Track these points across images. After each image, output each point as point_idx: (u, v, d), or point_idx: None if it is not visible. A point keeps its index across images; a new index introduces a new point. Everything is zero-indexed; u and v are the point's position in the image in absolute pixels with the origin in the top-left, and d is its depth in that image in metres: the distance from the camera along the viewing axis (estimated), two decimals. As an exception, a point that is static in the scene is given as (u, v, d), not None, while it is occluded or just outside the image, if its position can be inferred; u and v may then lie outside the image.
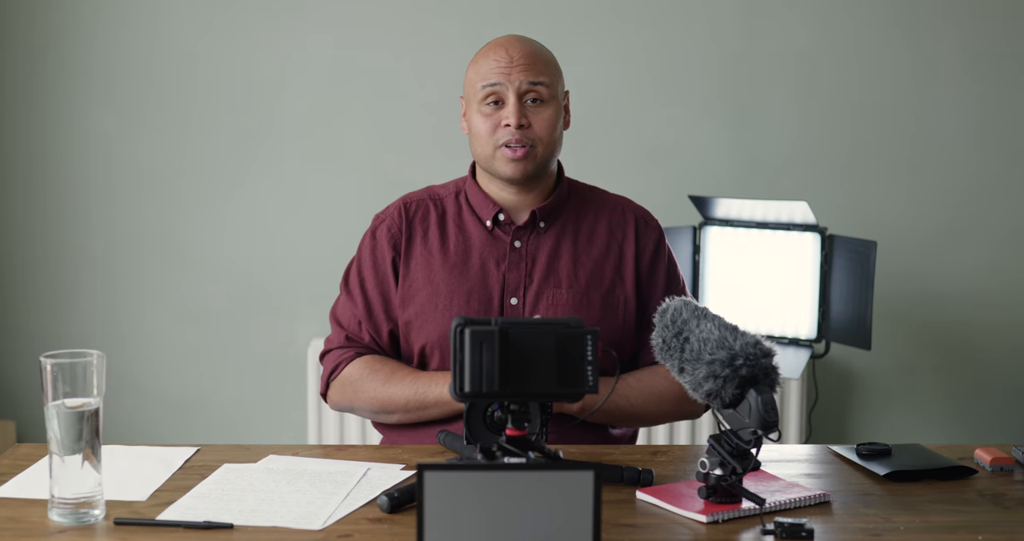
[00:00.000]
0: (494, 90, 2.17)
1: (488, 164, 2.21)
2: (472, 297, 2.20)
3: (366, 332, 2.24)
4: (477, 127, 2.20)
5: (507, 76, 2.17)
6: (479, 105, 2.19)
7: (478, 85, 2.19)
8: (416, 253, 2.24)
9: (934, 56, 3.54)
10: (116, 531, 1.66)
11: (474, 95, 2.20)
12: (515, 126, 2.16)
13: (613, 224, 2.28)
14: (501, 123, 2.17)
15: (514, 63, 2.17)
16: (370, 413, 2.23)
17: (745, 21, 3.52)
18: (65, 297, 3.57)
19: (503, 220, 2.24)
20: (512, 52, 2.19)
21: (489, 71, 2.18)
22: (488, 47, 2.23)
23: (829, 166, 3.57)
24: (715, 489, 1.74)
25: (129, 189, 3.55)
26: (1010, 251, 3.59)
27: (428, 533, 1.39)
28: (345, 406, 2.25)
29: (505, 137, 2.17)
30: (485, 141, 2.19)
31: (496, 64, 2.18)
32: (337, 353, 2.25)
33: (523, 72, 2.17)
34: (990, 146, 3.57)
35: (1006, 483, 1.91)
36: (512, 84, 2.17)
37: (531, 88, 2.17)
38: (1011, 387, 3.63)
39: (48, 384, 1.65)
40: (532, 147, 2.18)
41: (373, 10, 3.50)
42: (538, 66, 2.19)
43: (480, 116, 2.19)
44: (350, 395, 2.22)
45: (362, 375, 2.20)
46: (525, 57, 2.18)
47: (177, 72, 3.51)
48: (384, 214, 2.30)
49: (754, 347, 1.70)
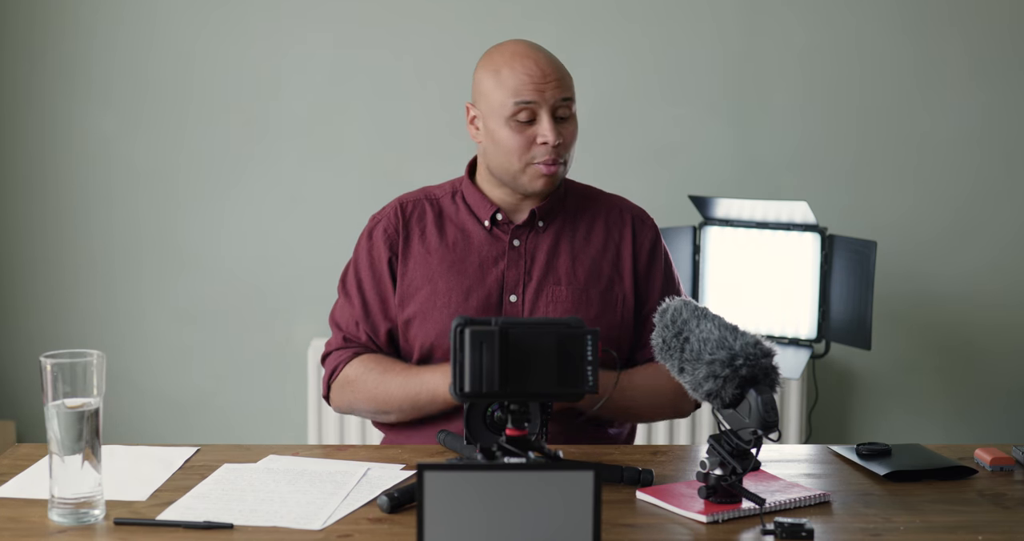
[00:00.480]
0: (528, 106, 2.13)
1: (513, 177, 2.18)
2: (471, 295, 2.20)
3: (363, 332, 2.24)
4: (506, 142, 2.15)
5: (541, 94, 2.13)
6: (508, 120, 2.14)
7: (509, 100, 2.13)
8: (414, 252, 2.24)
9: (937, 58, 3.54)
10: (116, 531, 1.66)
11: (501, 108, 2.15)
12: (553, 144, 2.13)
13: (610, 223, 2.28)
14: (536, 140, 2.14)
15: (547, 79, 2.13)
16: (369, 413, 2.23)
17: (748, 22, 3.52)
18: (65, 297, 3.57)
19: (501, 219, 2.24)
20: (543, 66, 2.14)
21: (522, 86, 2.13)
22: (512, 57, 2.16)
23: (829, 166, 3.57)
24: (715, 489, 1.74)
25: (128, 189, 3.55)
26: (1011, 252, 3.59)
27: (428, 533, 1.39)
28: (346, 407, 2.25)
29: (542, 156, 2.15)
30: (516, 157, 2.16)
31: (529, 79, 2.13)
32: (336, 355, 2.25)
33: (556, 88, 2.14)
34: (991, 147, 3.57)
35: (1006, 483, 1.91)
36: (547, 101, 2.13)
37: (562, 104, 2.15)
38: (1011, 387, 3.63)
39: (48, 384, 1.65)
40: (563, 163, 2.18)
41: (373, 9, 3.50)
42: (566, 80, 2.17)
43: (509, 131, 2.15)
44: (349, 396, 2.22)
45: (358, 374, 2.20)
46: (555, 71, 2.15)
47: (176, 72, 3.51)
48: (380, 215, 2.29)
49: (754, 347, 1.70)
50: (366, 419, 2.36)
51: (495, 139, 2.17)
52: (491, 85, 2.17)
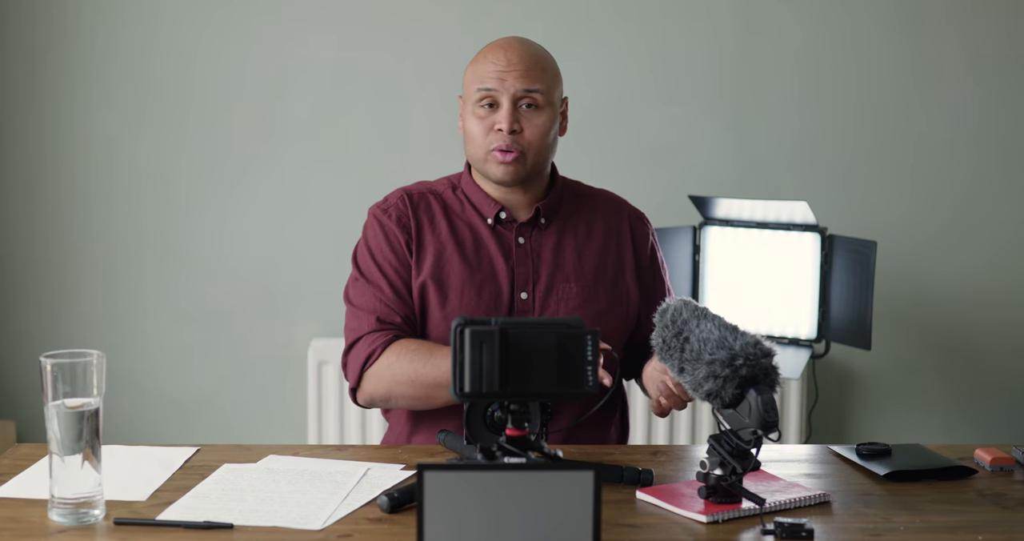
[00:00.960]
0: (489, 94, 2.17)
1: (480, 165, 2.22)
2: (483, 290, 2.20)
3: (399, 314, 2.18)
4: (471, 129, 2.20)
5: (502, 82, 2.17)
6: (474, 107, 2.19)
7: (474, 87, 2.19)
8: (427, 241, 2.22)
9: (936, 57, 3.54)
10: (116, 531, 1.66)
11: (470, 97, 2.20)
12: (507, 131, 2.16)
13: (609, 219, 2.31)
14: (494, 127, 2.17)
15: (511, 68, 2.17)
16: (411, 398, 2.13)
17: (746, 21, 3.52)
18: (65, 297, 3.57)
19: (505, 217, 2.24)
20: (511, 55, 2.18)
21: (486, 74, 2.18)
22: (488, 48, 2.22)
23: (829, 166, 3.57)
24: (715, 489, 1.74)
25: (129, 190, 3.55)
26: (1010, 251, 3.59)
27: (428, 533, 1.39)
28: (382, 395, 2.15)
29: (496, 142, 2.17)
30: (478, 143, 2.19)
31: (493, 67, 2.18)
32: (370, 339, 2.16)
33: (519, 78, 2.17)
34: (991, 146, 3.57)
35: (1006, 483, 1.91)
36: (507, 90, 2.16)
37: (525, 94, 2.17)
38: (1011, 387, 3.63)
39: (48, 384, 1.65)
40: (522, 153, 2.18)
41: (375, 11, 3.50)
42: (535, 72, 2.18)
43: (474, 118, 2.19)
44: (388, 382, 2.12)
45: (400, 356, 2.12)
46: (523, 62, 2.18)
47: (178, 72, 3.51)
48: (386, 203, 2.27)
49: (754, 347, 1.70)
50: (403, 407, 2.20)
51: (465, 127, 2.22)
52: (468, 75, 2.23)
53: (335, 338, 3.44)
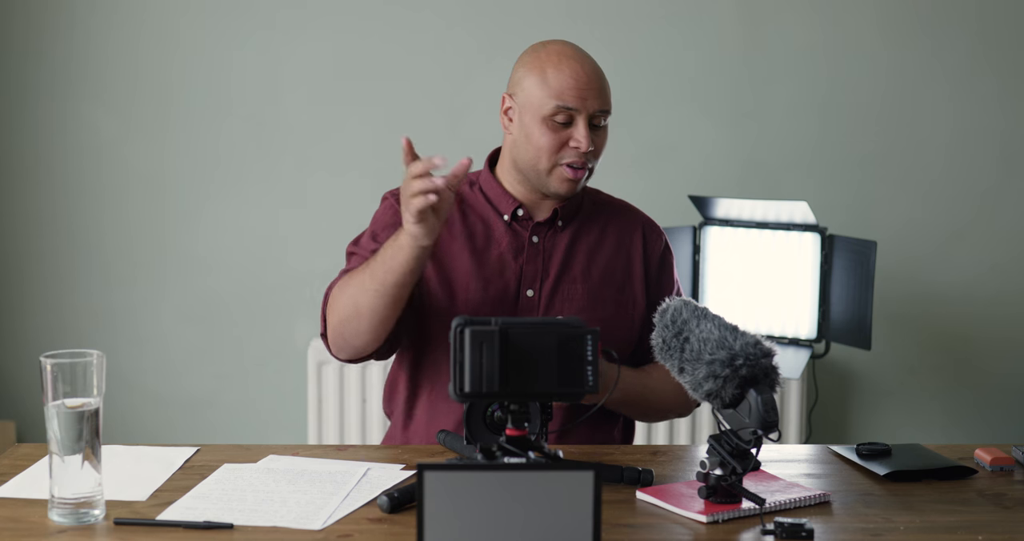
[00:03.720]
0: (567, 111, 2.15)
1: (538, 176, 2.19)
2: (489, 284, 2.20)
3: None
4: (539, 141, 2.16)
5: (583, 101, 2.15)
6: (546, 119, 2.16)
7: (550, 102, 2.15)
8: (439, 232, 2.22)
9: (935, 57, 3.54)
10: (116, 531, 1.66)
11: (541, 107, 2.16)
12: (584, 150, 2.15)
13: (622, 228, 2.31)
14: (568, 143, 2.16)
15: (591, 86, 2.16)
16: (355, 315, 2.06)
17: (746, 21, 3.52)
18: (65, 297, 3.57)
19: (522, 215, 2.25)
20: (588, 72, 2.17)
21: (565, 91, 2.15)
22: (558, 58, 2.18)
23: (829, 166, 3.57)
24: (715, 489, 1.74)
25: (129, 189, 3.55)
26: (1010, 251, 3.59)
27: (428, 533, 1.39)
28: (339, 319, 2.09)
29: (570, 158, 2.16)
30: (545, 156, 2.17)
31: (574, 83, 2.15)
32: (331, 284, 2.17)
33: (596, 98, 2.16)
34: (991, 147, 3.57)
35: (1006, 483, 1.91)
36: (587, 109, 2.15)
37: (599, 114, 2.18)
38: (1011, 387, 3.62)
39: (48, 384, 1.65)
40: (590, 169, 2.20)
41: (374, 11, 3.50)
42: (606, 90, 2.19)
43: (546, 130, 2.16)
44: (336, 311, 2.10)
45: (339, 284, 2.11)
46: (599, 79, 2.18)
47: (178, 72, 3.51)
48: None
49: (754, 347, 1.70)
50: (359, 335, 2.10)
51: (528, 134, 2.18)
52: (534, 82, 2.17)
53: (335, 338, 3.44)
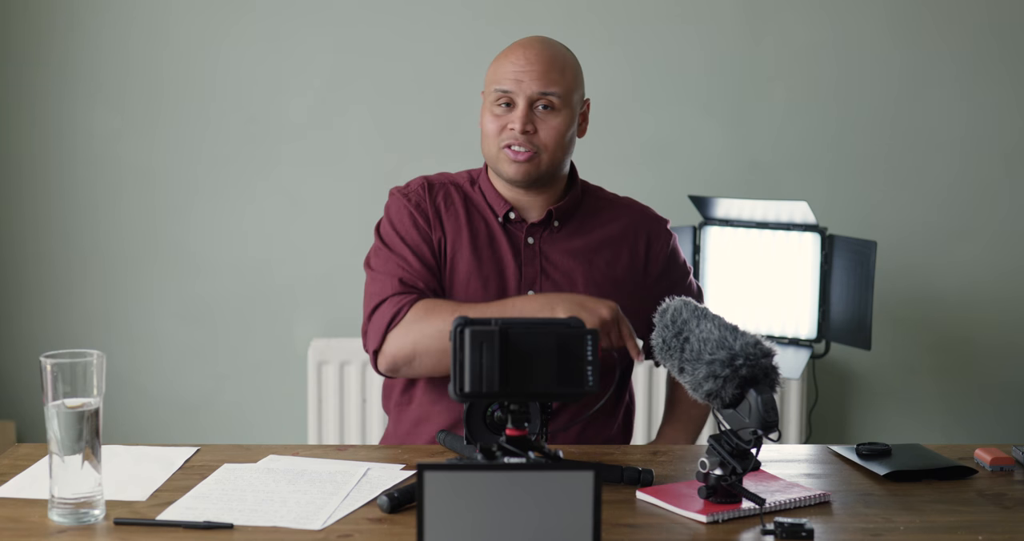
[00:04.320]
0: (505, 94, 2.19)
1: (493, 163, 2.23)
2: (489, 283, 2.20)
3: (420, 279, 2.17)
4: (486, 126, 2.22)
5: (519, 83, 2.17)
6: (491, 105, 2.21)
7: (492, 87, 2.21)
8: (446, 228, 2.23)
9: (935, 56, 3.54)
10: (116, 531, 1.66)
11: (488, 95, 2.22)
12: (519, 131, 2.17)
13: (626, 227, 2.30)
14: (507, 126, 2.19)
15: (530, 69, 2.17)
16: (438, 353, 2.09)
17: (746, 21, 3.52)
18: (65, 297, 3.57)
19: (514, 218, 2.25)
20: (530, 56, 2.18)
21: (504, 75, 2.19)
22: (510, 47, 2.23)
23: (829, 166, 3.57)
24: (715, 489, 1.74)
25: (129, 189, 3.55)
26: (1010, 251, 3.59)
27: (428, 533, 1.39)
28: (406, 354, 2.12)
29: (508, 139, 2.18)
30: (491, 141, 2.21)
31: (512, 68, 2.19)
32: (394, 300, 2.14)
33: (536, 80, 2.17)
34: (991, 147, 3.57)
35: (1006, 483, 1.91)
36: (523, 91, 2.17)
37: (541, 97, 2.18)
38: (1011, 387, 3.63)
39: (48, 384, 1.65)
40: (536, 153, 2.18)
41: (374, 12, 3.50)
42: (552, 74, 2.18)
43: (491, 116, 2.21)
44: (415, 337, 2.10)
45: (428, 311, 2.10)
46: (542, 63, 2.18)
47: (177, 72, 3.51)
48: (408, 189, 2.28)
49: (754, 347, 1.70)
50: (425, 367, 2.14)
51: (482, 124, 2.24)
52: (489, 73, 2.24)
53: (335, 338, 3.44)
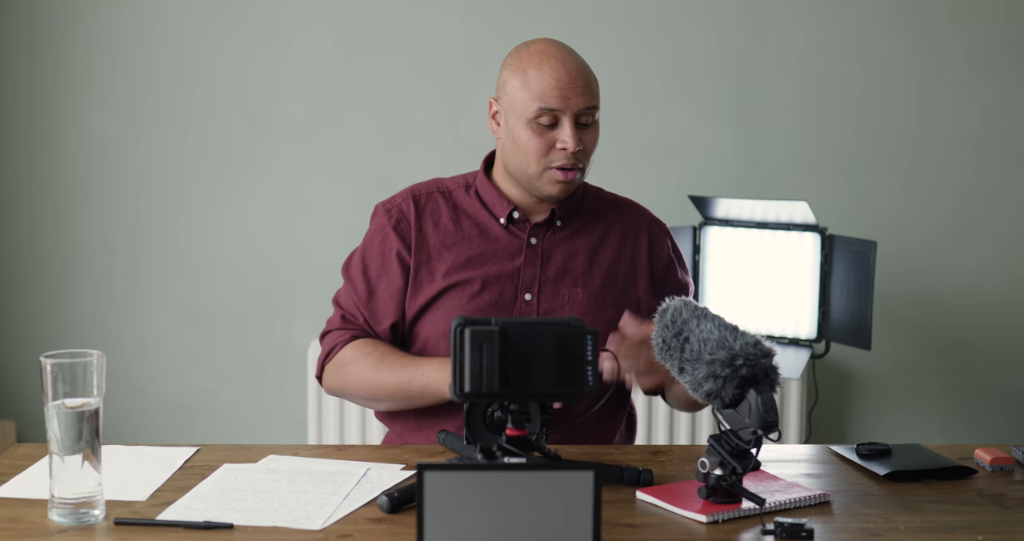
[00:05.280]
0: (551, 113, 2.11)
1: (529, 180, 2.17)
2: (485, 290, 2.18)
3: (361, 315, 2.23)
4: (526, 144, 2.13)
5: (566, 100, 2.10)
6: (530, 122, 2.12)
7: (533, 103, 2.11)
8: (429, 243, 2.21)
9: (936, 57, 3.54)
10: (116, 531, 1.66)
11: (525, 110, 2.12)
12: (572, 150, 2.11)
13: (627, 228, 2.28)
14: (555, 145, 2.12)
15: (573, 85, 2.11)
16: (360, 398, 2.22)
17: (746, 21, 3.52)
18: (65, 297, 3.57)
19: (517, 218, 2.23)
20: (571, 70, 2.11)
21: (547, 91, 2.10)
22: (540, 58, 2.13)
23: (829, 166, 3.57)
24: (715, 489, 1.74)
25: (129, 189, 3.55)
26: (1010, 251, 3.59)
27: (428, 533, 1.39)
28: (337, 390, 2.23)
29: (560, 160, 2.13)
30: (534, 160, 2.14)
31: (556, 84, 2.10)
32: (334, 335, 2.23)
33: (581, 96, 2.11)
34: (991, 147, 3.57)
35: (1006, 483, 1.91)
36: (571, 109, 2.11)
37: (586, 112, 2.13)
38: (1011, 387, 3.63)
39: (48, 384, 1.65)
40: (581, 169, 2.16)
41: (373, 11, 3.50)
42: (592, 87, 2.14)
43: (531, 134, 2.13)
44: (342, 378, 2.20)
45: (354, 357, 2.18)
46: (583, 77, 2.12)
47: (177, 72, 3.52)
48: (391, 203, 2.26)
49: (754, 347, 1.70)
50: (357, 404, 2.35)
51: (515, 139, 2.15)
52: (516, 84, 2.14)
53: (335, 338, 3.44)
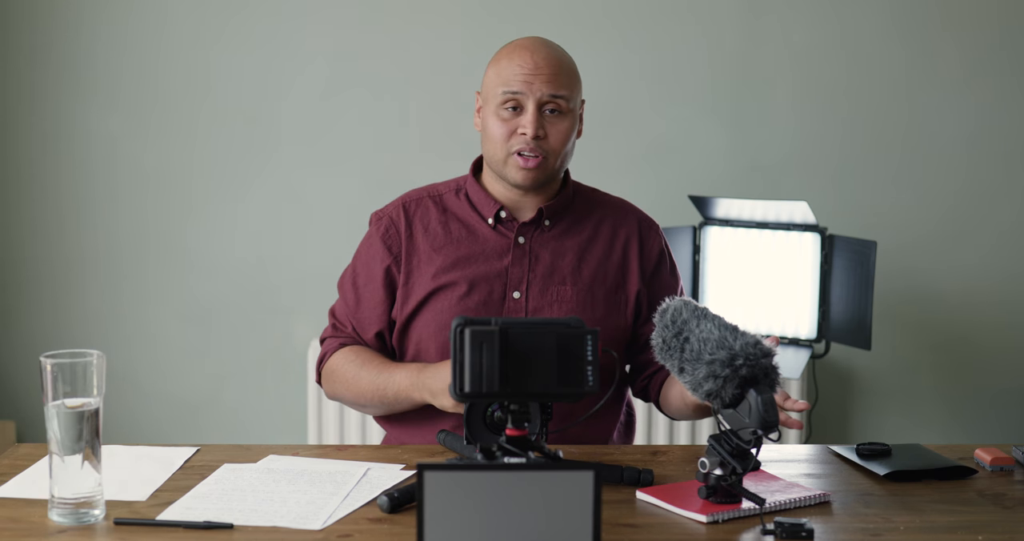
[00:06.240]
0: (514, 97, 2.15)
1: (499, 167, 2.20)
2: (474, 290, 2.19)
3: (349, 324, 2.28)
4: (492, 130, 2.17)
5: (529, 85, 2.14)
6: (497, 108, 2.16)
7: (498, 89, 2.16)
8: (419, 249, 2.23)
9: (934, 57, 3.54)
10: (116, 531, 1.66)
11: (493, 97, 2.17)
12: (531, 136, 2.14)
13: (617, 226, 2.28)
14: (517, 130, 2.15)
15: (538, 71, 2.14)
16: (350, 403, 2.28)
17: (745, 21, 3.52)
18: (66, 297, 3.57)
19: (505, 217, 2.24)
20: (538, 59, 2.15)
21: (512, 77, 2.15)
22: (513, 48, 2.19)
23: (829, 166, 3.57)
24: (715, 489, 1.74)
25: (129, 190, 3.55)
26: (1009, 251, 3.59)
27: (428, 533, 1.39)
28: (332, 396, 2.30)
29: (519, 145, 2.15)
30: (499, 145, 2.17)
31: (520, 70, 2.15)
32: (327, 343, 2.31)
33: (546, 83, 2.14)
34: (990, 147, 3.57)
35: (1006, 483, 1.91)
36: (533, 94, 2.14)
37: (551, 100, 2.15)
38: (1011, 387, 3.63)
39: (48, 384, 1.65)
40: (545, 158, 2.16)
41: (373, 13, 3.50)
42: (561, 77, 2.16)
43: (497, 119, 2.17)
44: (331, 385, 2.27)
45: (339, 365, 2.24)
46: (550, 66, 2.15)
47: (180, 73, 3.52)
48: (382, 213, 2.29)
49: (754, 347, 1.70)
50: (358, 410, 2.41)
51: (486, 126, 2.20)
52: (491, 74, 2.20)
53: (335, 338, 3.44)
